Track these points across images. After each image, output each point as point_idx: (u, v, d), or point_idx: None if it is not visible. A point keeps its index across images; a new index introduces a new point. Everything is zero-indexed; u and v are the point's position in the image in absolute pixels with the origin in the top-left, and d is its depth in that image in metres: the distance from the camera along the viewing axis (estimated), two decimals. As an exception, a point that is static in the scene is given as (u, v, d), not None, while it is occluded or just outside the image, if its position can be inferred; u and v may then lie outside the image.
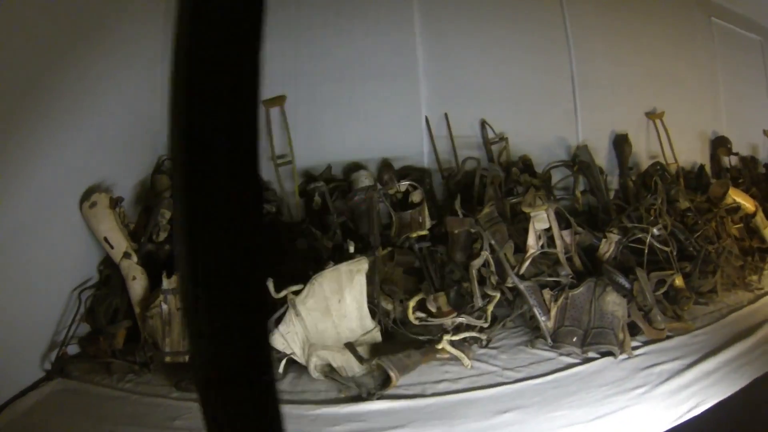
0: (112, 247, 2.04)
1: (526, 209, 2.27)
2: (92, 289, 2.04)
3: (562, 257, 2.22)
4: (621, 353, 1.92)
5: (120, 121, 2.34)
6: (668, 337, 2.04)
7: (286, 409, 1.04)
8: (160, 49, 2.53)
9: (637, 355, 1.91)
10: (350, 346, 1.82)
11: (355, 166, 2.90)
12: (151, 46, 2.48)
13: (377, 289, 2.04)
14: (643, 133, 3.54)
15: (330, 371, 1.79)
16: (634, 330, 2.05)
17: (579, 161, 3.09)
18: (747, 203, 3.16)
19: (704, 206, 3.05)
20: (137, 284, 1.99)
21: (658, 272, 2.27)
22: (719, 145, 3.84)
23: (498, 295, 2.07)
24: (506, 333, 2.13)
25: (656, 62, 3.66)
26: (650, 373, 1.77)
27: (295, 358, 1.84)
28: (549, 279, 2.11)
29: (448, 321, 2.00)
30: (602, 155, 3.35)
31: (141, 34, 2.48)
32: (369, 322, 1.98)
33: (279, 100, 2.93)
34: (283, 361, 1.81)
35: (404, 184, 2.65)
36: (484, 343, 2.02)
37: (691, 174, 3.56)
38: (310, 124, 2.95)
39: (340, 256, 2.10)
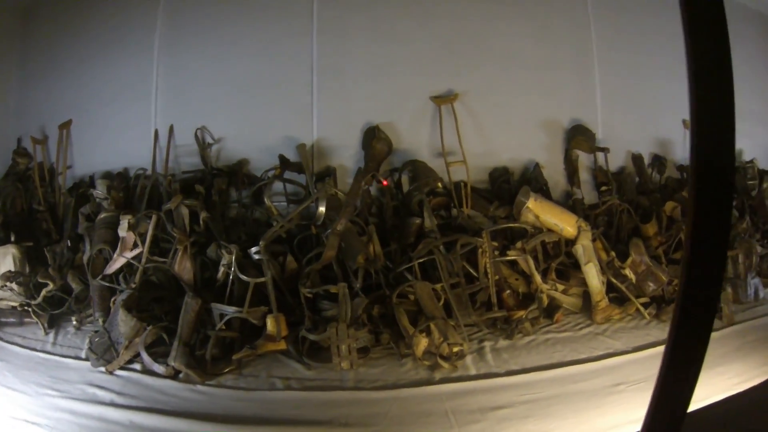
0: None
1: None
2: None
3: None
4: None
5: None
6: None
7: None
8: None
9: None
10: None
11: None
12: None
13: None
14: (426, 123, 2.62)
15: None
16: None
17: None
18: (566, 225, 2.09)
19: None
20: None
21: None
22: (576, 136, 2.64)
23: None
24: None
25: (464, 30, 2.74)
26: None
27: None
28: None
29: None
30: (348, 155, 2.56)
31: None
32: None
33: None
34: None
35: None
36: None
37: (503, 176, 2.51)
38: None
39: None
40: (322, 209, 1.99)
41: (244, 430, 1.34)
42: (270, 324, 1.69)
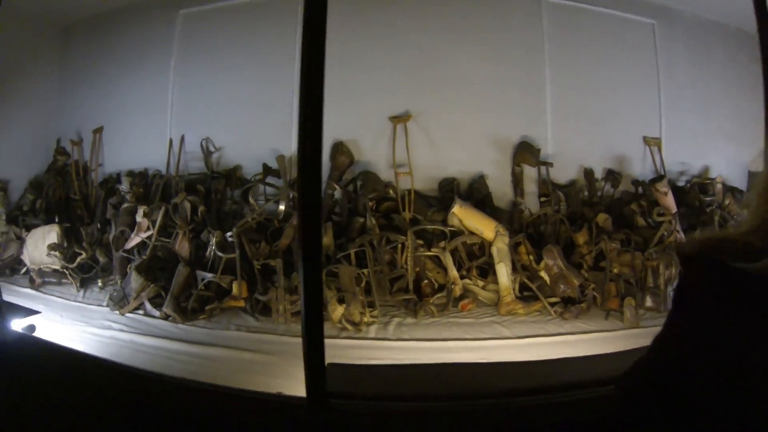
0: None
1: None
2: None
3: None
4: None
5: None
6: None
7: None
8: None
9: None
10: None
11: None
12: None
13: None
14: (385, 139, 3.51)
15: None
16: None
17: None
18: (485, 229, 2.93)
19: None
20: None
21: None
22: (521, 152, 3.45)
23: None
24: None
25: (423, 57, 3.62)
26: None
27: None
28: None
29: None
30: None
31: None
32: None
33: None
34: None
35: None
36: None
37: (449, 186, 3.36)
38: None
39: None
40: (281, 207, 2.91)
41: (207, 349, 2.25)
42: (234, 287, 2.61)
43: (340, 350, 2.29)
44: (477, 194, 3.35)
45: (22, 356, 1.60)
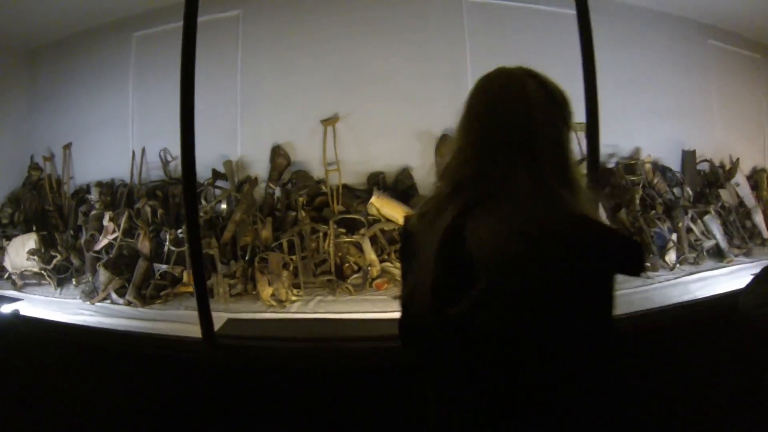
0: None
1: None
2: None
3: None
4: None
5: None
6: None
7: None
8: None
9: None
10: None
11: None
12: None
13: None
14: (317, 141, 4.14)
15: None
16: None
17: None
18: (399, 216, 3.56)
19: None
20: None
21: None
22: (442, 143, 4.06)
23: None
24: None
25: (350, 61, 4.24)
26: None
27: None
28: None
29: None
30: (261, 167, 4.14)
31: None
32: None
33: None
34: None
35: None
36: None
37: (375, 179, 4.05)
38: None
39: None
40: (223, 206, 3.55)
41: (160, 324, 2.90)
42: (185, 276, 3.25)
43: (266, 324, 2.93)
44: (401, 185, 3.99)
45: (15, 328, 2.27)
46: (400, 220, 3.58)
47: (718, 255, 4.80)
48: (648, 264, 3.95)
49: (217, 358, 1.92)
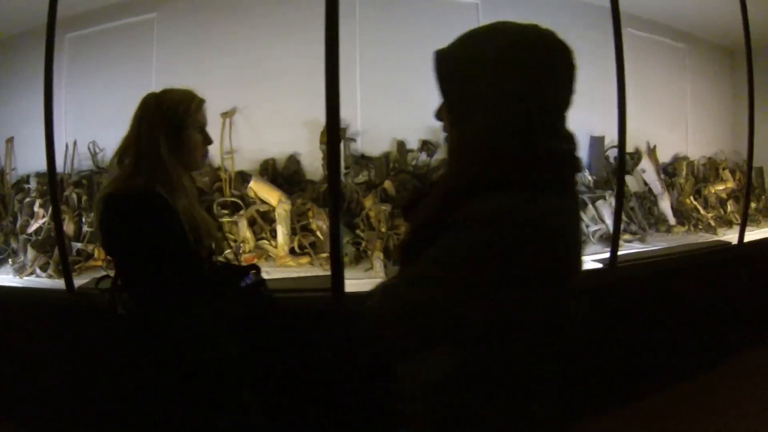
0: None
1: None
2: None
3: None
4: None
5: None
6: None
7: None
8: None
9: None
10: None
11: None
12: None
13: None
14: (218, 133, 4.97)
15: None
16: None
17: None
18: (271, 199, 4.38)
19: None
20: None
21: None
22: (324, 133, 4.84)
23: None
24: None
25: (250, 58, 5.02)
26: None
27: None
28: None
29: None
30: None
31: None
32: None
33: None
34: None
35: None
36: None
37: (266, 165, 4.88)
38: None
39: None
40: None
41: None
42: (96, 252, 4.13)
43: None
44: (286, 171, 4.82)
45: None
46: (273, 202, 4.43)
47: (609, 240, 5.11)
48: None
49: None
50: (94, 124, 5.48)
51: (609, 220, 5.39)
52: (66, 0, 5.99)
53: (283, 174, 4.83)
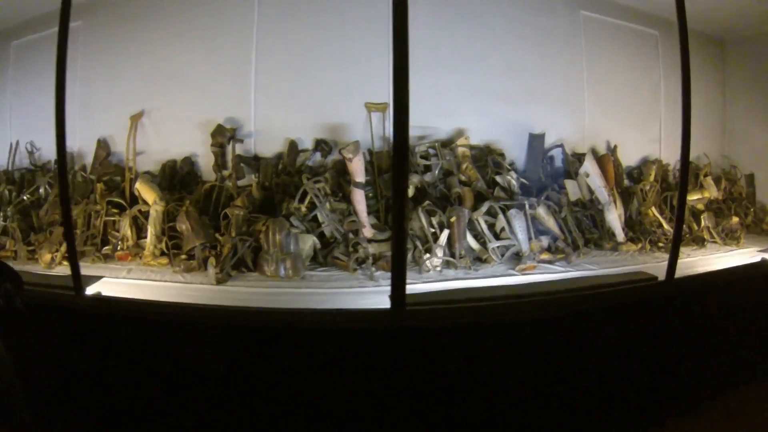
0: None
1: None
2: None
3: None
4: None
5: None
6: None
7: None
8: None
9: None
10: None
11: None
12: None
13: None
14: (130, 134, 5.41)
15: None
16: None
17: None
18: (150, 199, 4.79)
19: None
20: None
21: None
22: (215, 133, 5.12)
23: None
24: None
25: (156, 62, 5.40)
26: None
27: None
28: None
29: None
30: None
31: None
32: None
33: None
34: None
35: None
36: None
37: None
38: None
39: None
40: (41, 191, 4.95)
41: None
42: (8, 243, 4.70)
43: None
44: (180, 172, 5.16)
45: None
46: (150, 203, 4.75)
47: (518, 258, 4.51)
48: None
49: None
50: (35, 125, 6.06)
51: (522, 235, 4.62)
52: (12, 8, 6.75)
53: (179, 175, 5.18)
